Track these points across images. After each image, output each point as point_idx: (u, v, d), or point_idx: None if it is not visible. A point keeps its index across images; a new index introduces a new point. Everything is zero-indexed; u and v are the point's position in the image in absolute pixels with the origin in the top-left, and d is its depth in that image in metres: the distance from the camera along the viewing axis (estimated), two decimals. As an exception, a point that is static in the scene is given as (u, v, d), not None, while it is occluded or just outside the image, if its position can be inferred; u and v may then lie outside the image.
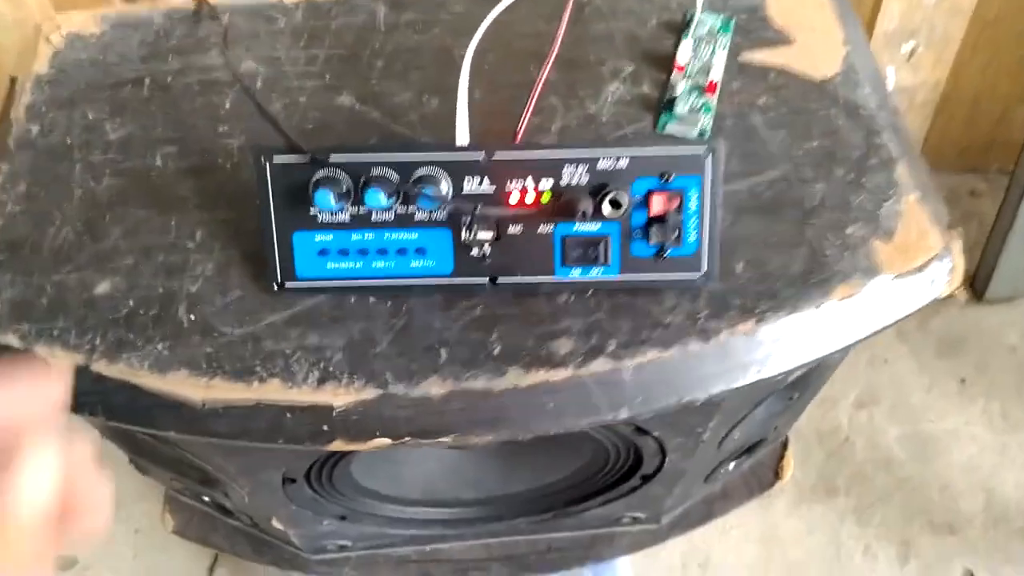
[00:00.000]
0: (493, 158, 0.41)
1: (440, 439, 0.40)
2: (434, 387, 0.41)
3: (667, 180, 0.41)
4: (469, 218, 0.41)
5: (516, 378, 0.41)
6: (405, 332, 0.42)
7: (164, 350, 0.42)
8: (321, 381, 0.41)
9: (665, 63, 0.50)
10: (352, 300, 0.43)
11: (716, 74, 0.49)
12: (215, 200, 0.45)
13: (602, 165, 0.40)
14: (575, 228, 0.41)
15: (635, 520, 0.69)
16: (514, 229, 0.42)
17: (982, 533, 1.02)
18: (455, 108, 0.43)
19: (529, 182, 0.41)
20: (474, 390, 0.41)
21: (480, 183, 0.41)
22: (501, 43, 0.49)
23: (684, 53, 0.49)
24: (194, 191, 0.46)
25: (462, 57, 0.44)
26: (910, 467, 1.07)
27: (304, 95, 0.49)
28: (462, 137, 0.43)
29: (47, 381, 0.22)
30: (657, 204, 0.41)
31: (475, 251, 0.42)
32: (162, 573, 1.04)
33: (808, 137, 0.47)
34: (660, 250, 0.41)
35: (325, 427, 0.40)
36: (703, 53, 0.50)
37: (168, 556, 1.04)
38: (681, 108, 0.48)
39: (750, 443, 0.64)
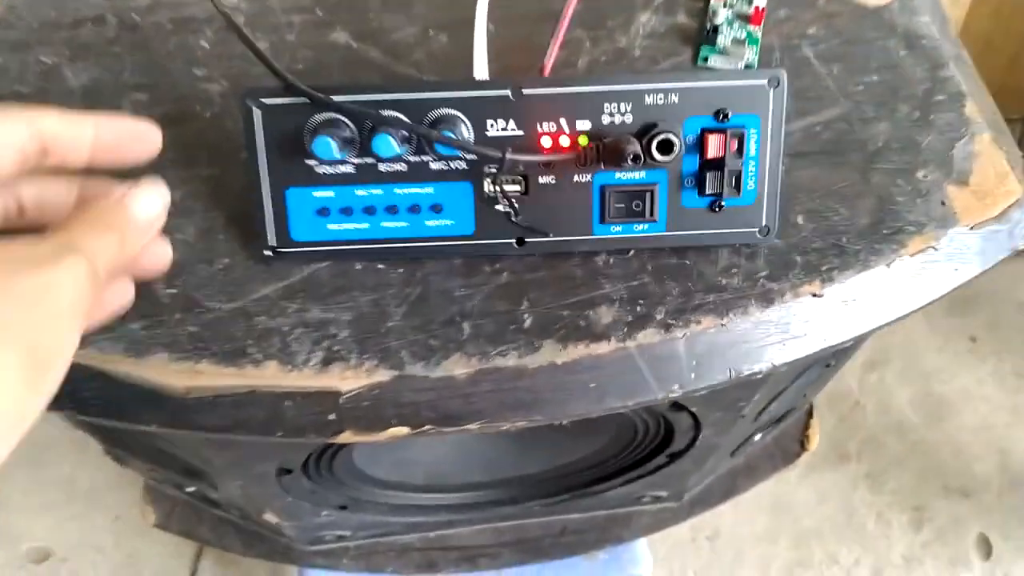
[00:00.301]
0: (522, 93, 0.35)
1: (467, 426, 0.35)
2: (458, 367, 0.35)
3: (724, 118, 0.35)
4: (494, 167, 0.35)
5: (552, 353, 0.35)
6: (421, 303, 0.36)
7: (140, 330, 0.36)
8: (326, 362, 0.35)
9: (701, -9, 0.44)
10: (358, 267, 0.37)
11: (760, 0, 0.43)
12: (195, 154, 0.39)
13: (649, 101, 0.35)
14: (617, 176, 0.36)
15: (656, 499, 0.64)
16: (545, 180, 0.36)
17: (997, 497, 0.99)
18: (467, 45, 0.37)
19: (563, 123, 0.35)
20: (504, 369, 0.35)
21: (506, 125, 0.35)
22: (516, -31, 0.43)
23: (723, -22, 0.43)
24: (170, 144, 0.39)
25: (471, -14, 0.38)
26: (922, 430, 1.04)
27: (292, 32, 0.42)
28: (481, 70, 0.37)
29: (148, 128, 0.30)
30: (713, 146, 0.35)
31: (500, 207, 0.36)
32: (144, 562, 0.99)
33: (866, 71, 0.42)
34: (714, 201, 0.36)
35: (332, 416, 0.35)
36: (743, -22, 0.44)
37: (150, 544, 0.99)
38: (724, 39, 0.42)
39: (781, 413, 0.60)
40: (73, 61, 0.42)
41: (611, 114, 0.35)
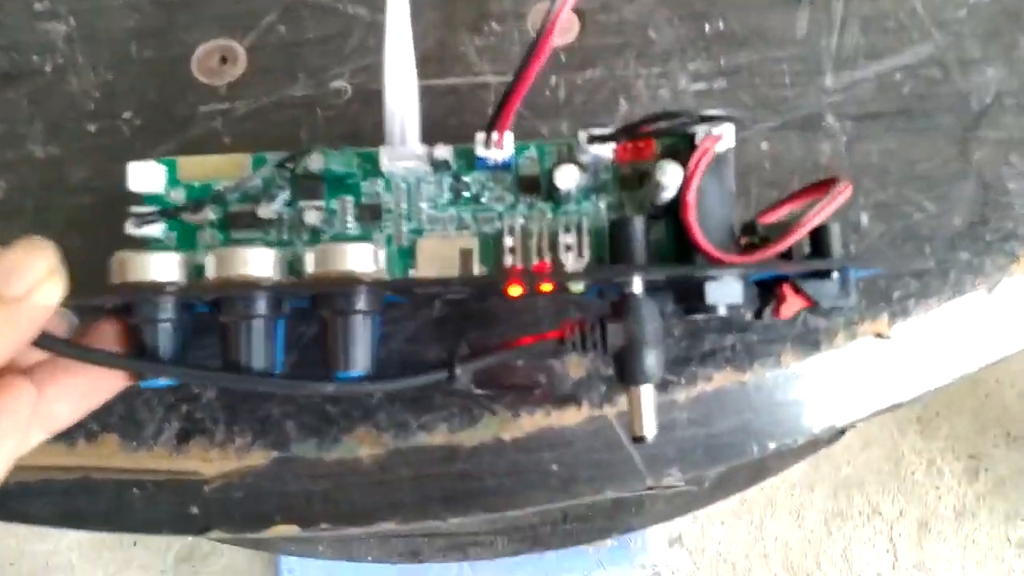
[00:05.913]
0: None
1: (379, 524, 0.25)
2: (364, 445, 0.25)
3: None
4: None
5: (499, 426, 0.25)
6: (316, 344, 0.26)
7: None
8: (183, 436, 0.25)
9: None
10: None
11: None
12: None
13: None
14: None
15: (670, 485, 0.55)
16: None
17: (1065, 444, 0.89)
18: None
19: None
20: (430, 448, 0.25)
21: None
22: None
23: None
24: None
25: None
26: (982, 370, 0.92)
27: None
28: None
29: None
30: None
31: None
32: None
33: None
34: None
35: (194, 510, 0.25)
36: None
37: None
38: None
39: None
40: None
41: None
